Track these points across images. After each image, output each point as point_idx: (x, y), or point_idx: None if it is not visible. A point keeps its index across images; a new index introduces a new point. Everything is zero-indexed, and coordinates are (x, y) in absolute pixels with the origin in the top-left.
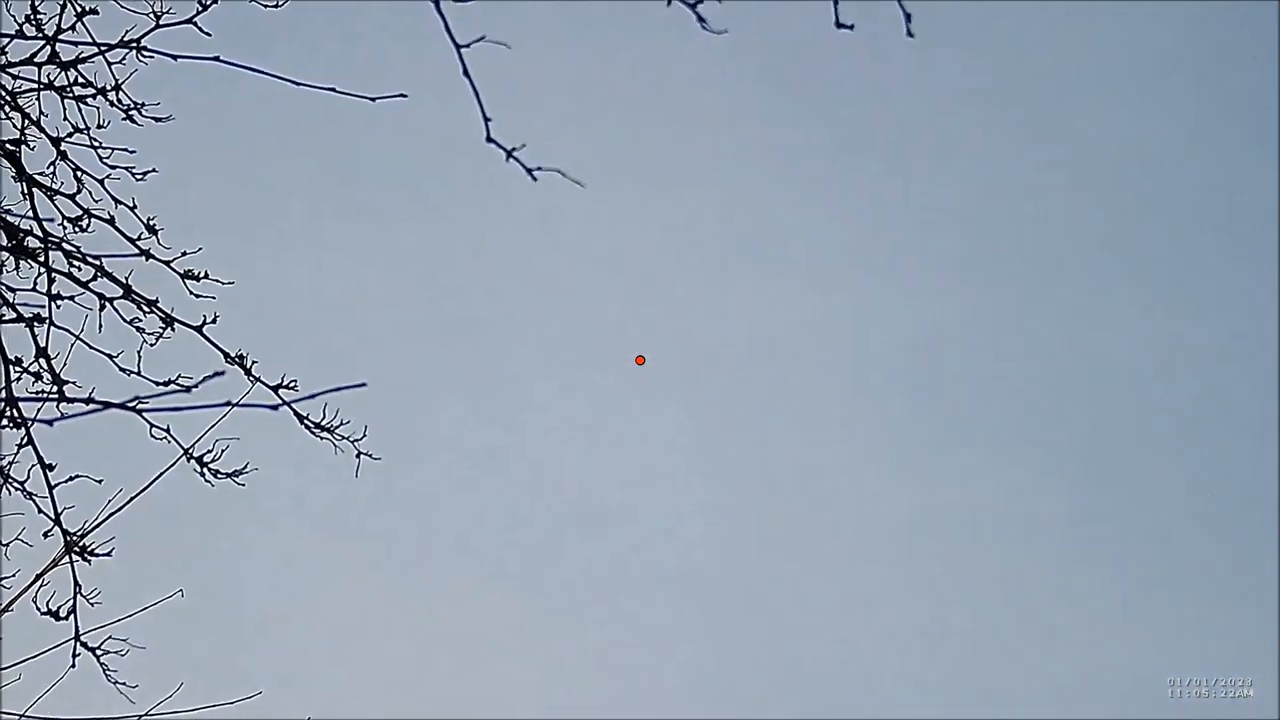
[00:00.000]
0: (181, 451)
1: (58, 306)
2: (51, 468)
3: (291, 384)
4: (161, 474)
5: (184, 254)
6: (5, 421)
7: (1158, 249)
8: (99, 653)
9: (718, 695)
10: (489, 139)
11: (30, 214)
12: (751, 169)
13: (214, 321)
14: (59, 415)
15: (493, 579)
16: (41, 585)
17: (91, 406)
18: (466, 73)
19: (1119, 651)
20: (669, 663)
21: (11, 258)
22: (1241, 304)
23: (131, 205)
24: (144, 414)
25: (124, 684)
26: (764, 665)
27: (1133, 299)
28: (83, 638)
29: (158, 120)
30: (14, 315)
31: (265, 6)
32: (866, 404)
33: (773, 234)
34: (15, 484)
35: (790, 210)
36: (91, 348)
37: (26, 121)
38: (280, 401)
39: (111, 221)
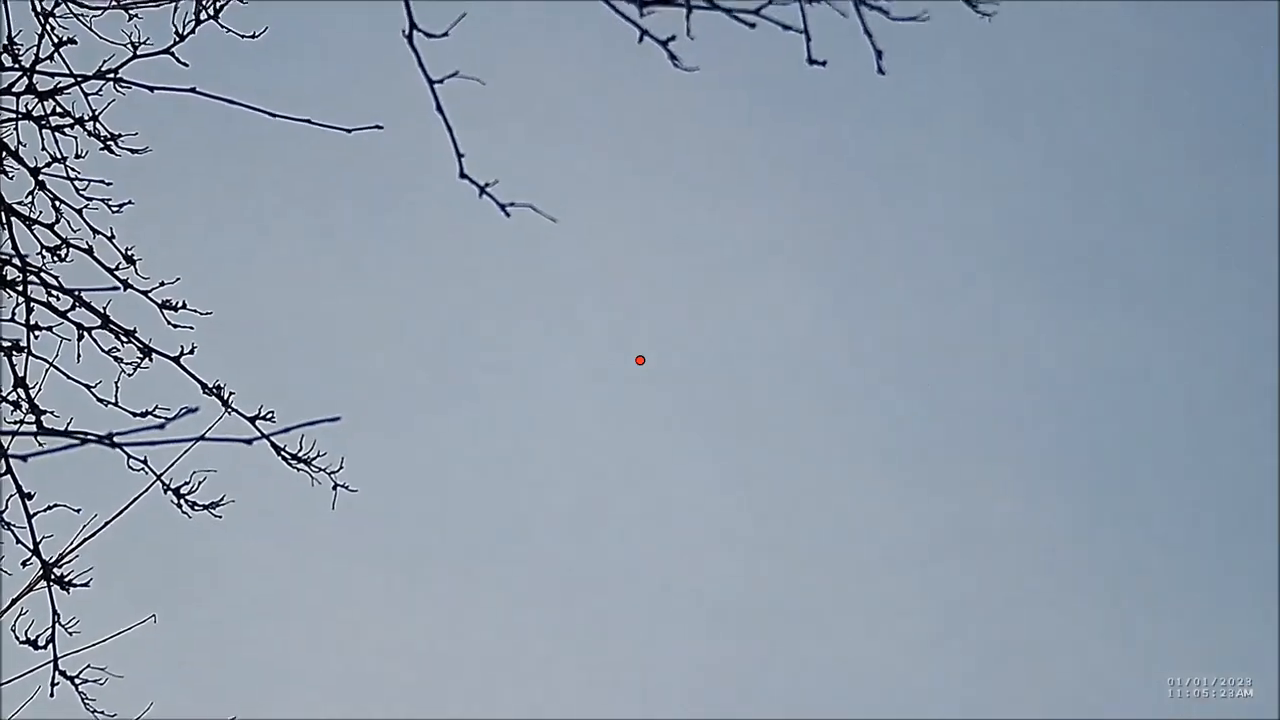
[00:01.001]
0: (157, 481)
1: (35, 336)
2: (30, 496)
3: (269, 415)
4: (134, 500)
5: (162, 284)
6: None
7: (1158, 259)
8: (77, 681)
9: (711, 702)
10: (462, 175)
11: (9, 244)
12: (749, 179)
13: (191, 352)
14: (36, 449)
15: (483, 594)
16: (21, 613)
17: (68, 441)
18: (440, 108)
19: (1119, 651)
20: (667, 670)
21: None
22: (1242, 307)
23: (110, 235)
24: (114, 445)
25: (102, 713)
26: (763, 675)
27: (1132, 307)
28: (61, 665)
29: (134, 152)
30: None
31: (242, 36)
32: (868, 413)
33: (771, 244)
34: None
35: (791, 220)
36: (69, 378)
37: (4, 152)
38: (254, 436)
39: (90, 251)
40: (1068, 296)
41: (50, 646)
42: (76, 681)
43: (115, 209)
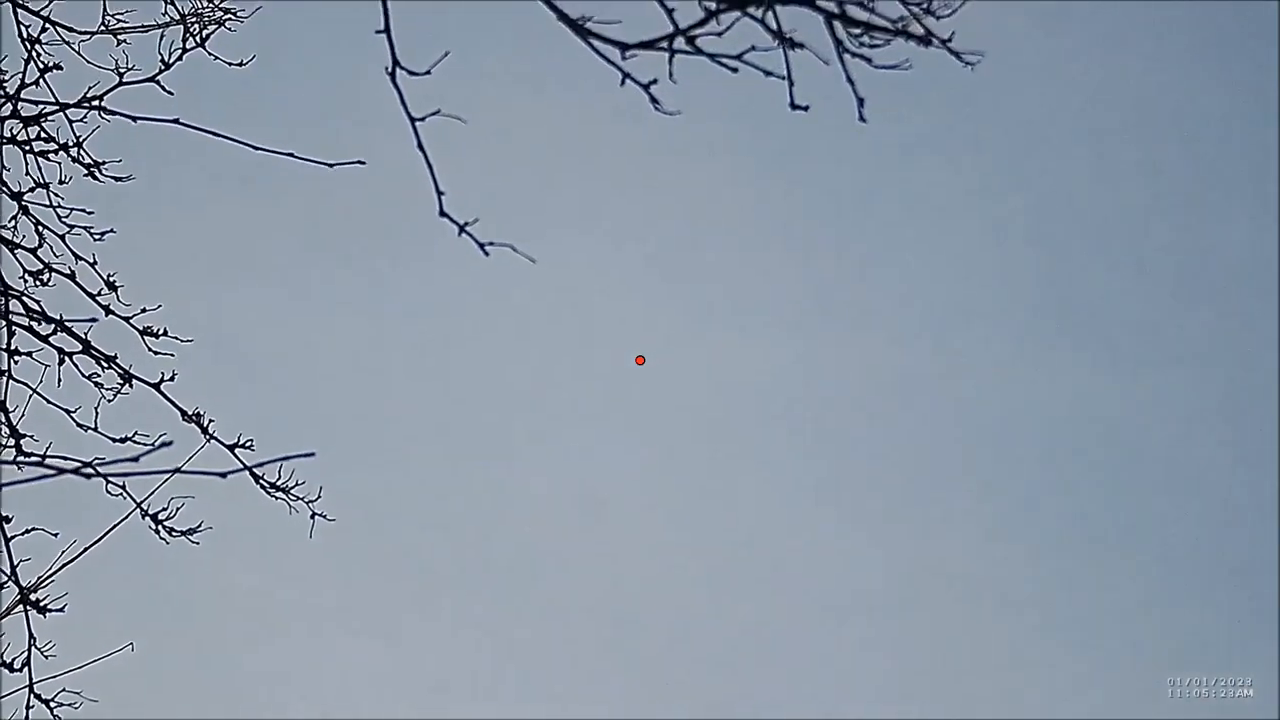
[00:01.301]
0: (136, 510)
1: (16, 361)
2: (8, 520)
3: (248, 443)
4: (113, 528)
5: (143, 311)
6: None
7: (1123, 300)
8: (53, 705)
9: None
10: (442, 213)
11: None
12: (726, 219)
13: (172, 379)
14: (12, 479)
15: (454, 624)
16: None
17: (44, 471)
18: (421, 146)
19: (1119, 651)
20: (630, 701)
21: None
22: (1231, 323)
23: (92, 261)
24: (97, 474)
25: None
26: (733, 708)
27: (1103, 347)
28: (36, 689)
29: (118, 180)
30: None
31: (229, 65)
32: (829, 456)
33: (734, 289)
34: None
35: (751, 265)
36: (49, 402)
37: None
38: (230, 470)
39: (72, 277)
40: (1035, 340)
41: (26, 670)
42: (52, 705)
43: (96, 238)
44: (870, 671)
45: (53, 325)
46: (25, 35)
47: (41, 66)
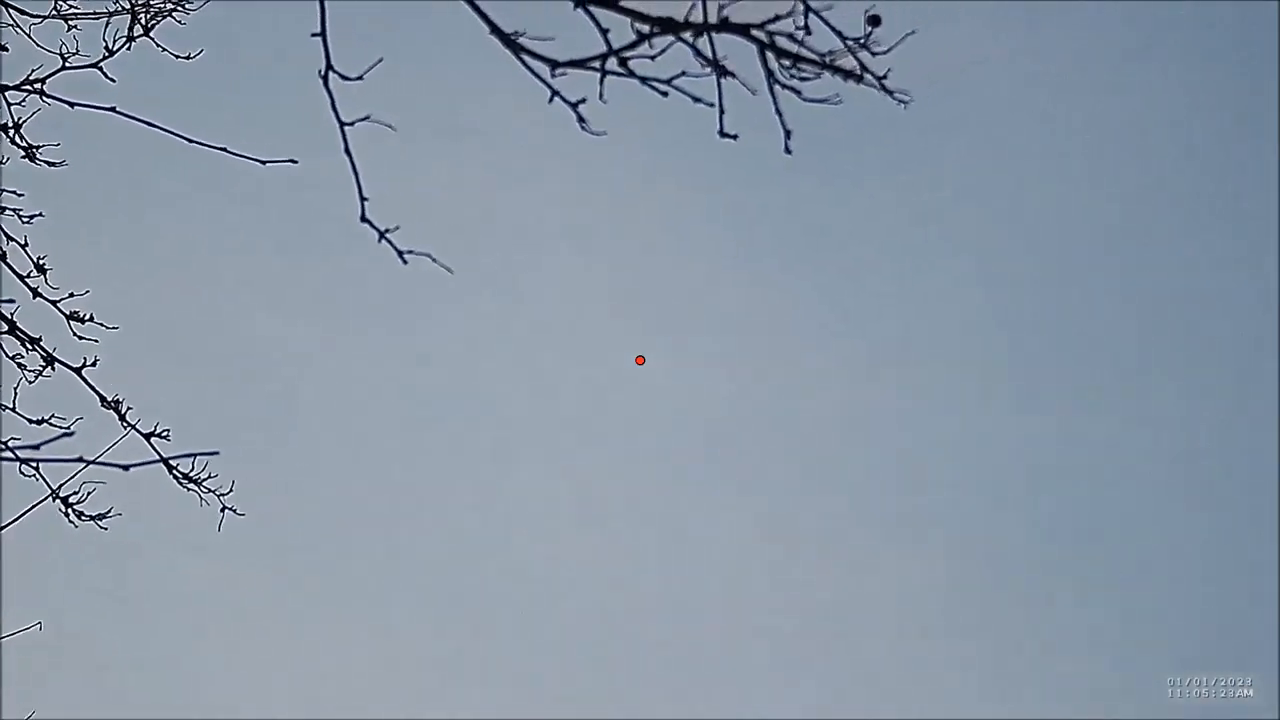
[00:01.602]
0: (51, 494)
1: None
2: None
3: (164, 433)
4: (26, 512)
5: (71, 295)
6: None
7: (1122, 308)
8: None
9: None
10: (364, 219)
11: None
12: (676, 249)
13: (94, 364)
14: None
15: (371, 625)
16: None
17: None
18: (348, 150)
19: (1119, 651)
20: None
21: None
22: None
23: (23, 243)
24: (14, 459)
25: None
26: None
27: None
28: None
29: (52, 164)
30: None
31: (176, 57)
32: (792, 485)
33: (700, 311)
34: None
35: (709, 295)
36: None
37: None
38: (137, 463)
39: (2, 258)
40: (1028, 357)
41: None
42: None
43: (26, 219)
44: (871, 672)
45: None
46: None
47: None
